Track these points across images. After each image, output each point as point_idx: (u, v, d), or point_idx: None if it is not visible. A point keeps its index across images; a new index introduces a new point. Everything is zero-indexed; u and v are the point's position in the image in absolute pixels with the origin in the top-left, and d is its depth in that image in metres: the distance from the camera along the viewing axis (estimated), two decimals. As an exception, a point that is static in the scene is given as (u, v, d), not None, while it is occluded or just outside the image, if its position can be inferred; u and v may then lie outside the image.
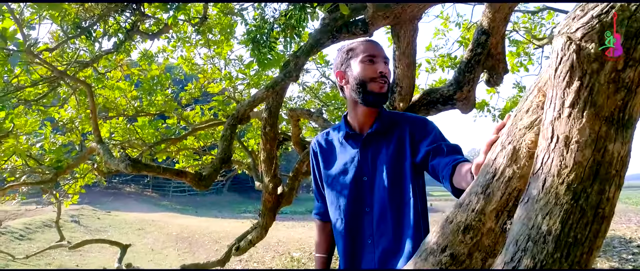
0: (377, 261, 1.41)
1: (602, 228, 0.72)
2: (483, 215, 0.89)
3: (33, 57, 2.47)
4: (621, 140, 0.71)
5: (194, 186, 2.62)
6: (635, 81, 0.69)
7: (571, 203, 0.71)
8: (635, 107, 0.71)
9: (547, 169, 0.75)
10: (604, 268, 5.48)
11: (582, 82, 0.70)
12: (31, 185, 3.57)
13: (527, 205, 0.76)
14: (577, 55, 0.69)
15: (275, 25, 4.22)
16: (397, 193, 1.41)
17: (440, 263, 0.91)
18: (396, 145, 1.45)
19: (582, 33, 0.69)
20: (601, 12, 0.68)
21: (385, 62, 1.48)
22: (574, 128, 0.71)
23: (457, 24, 5.45)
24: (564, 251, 0.71)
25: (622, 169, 0.72)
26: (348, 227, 1.48)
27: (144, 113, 5.41)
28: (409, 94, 3.89)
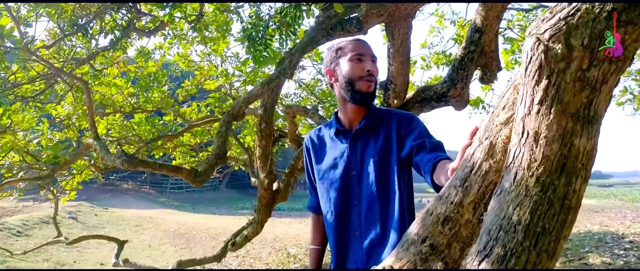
0: (364, 252, 1.46)
1: (568, 218, 0.76)
2: (461, 207, 0.93)
3: (30, 54, 2.50)
4: (587, 135, 0.75)
5: (190, 182, 2.66)
6: (600, 80, 0.73)
7: (540, 195, 0.76)
8: (600, 104, 0.75)
9: (518, 163, 0.79)
10: (596, 263, 5.55)
11: (550, 81, 0.74)
12: (29, 181, 3.61)
13: (499, 197, 0.81)
14: (545, 55, 0.74)
15: (270, 23, 4.25)
16: (383, 187, 1.45)
17: (421, 252, 0.95)
18: (383, 140, 1.49)
19: (550, 34, 0.73)
20: (567, 15, 0.72)
21: (373, 61, 1.52)
22: (543, 124, 0.75)
23: (452, 21, 5.49)
24: (532, 240, 0.75)
25: (588, 163, 0.77)
26: (338, 219, 1.54)
27: (140, 110, 5.44)
28: (403, 91, 3.93)
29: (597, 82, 0.73)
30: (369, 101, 1.52)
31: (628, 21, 0.70)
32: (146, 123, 5.26)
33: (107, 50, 3.61)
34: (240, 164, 6.47)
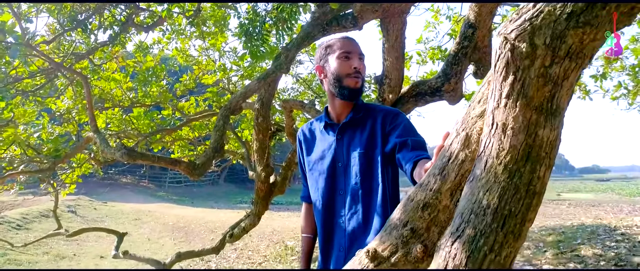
0: (347, 239, 1.54)
1: (533, 202, 0.83)
2: (439, 193, 1.00)
3: (32, 49, 2.55)
4: (550, 126, 0.82)
5: (188, 174, 2.72)
6: (561, 76, 0.80)
7: (507, 181, 0.83)
8: (562, 98, 0.82)
9: (488, 152, 0.86)
10: (587, 254, 5.64)
11: (516, 76, 0.81)
12: (30, 174, 3.67)
13: (472, 184, 0.88)
14: (512, 53, 0.80)
15: (267, 18, 4.31)
16: (367, 178, 1.53)
17: (402, 236, 1.02)
18: (369, 134, 1.57)
19: (516, 34, 0.80)
20: (532, 16, 0.79)
21: (360, 58, 1.60)
22: (510, 116, 0.82)
23: (447, 17, 5.54)
24: (500, 222, 0.82)
25: (551, 152, 0.84)
26: (324, 208, 1.62)
27: (139, 104, 5.50)
28: (398, 86, 3.99)
29: (558, 78, 0.80)
30: (356, 97, 1.59)
31: (585, 22, 0.77)
32: (145, 118, 5.32)
33: (106, 46, 3.67)
34: (238, 158, 6.54)
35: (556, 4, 0.77)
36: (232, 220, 11.72)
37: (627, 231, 6.60)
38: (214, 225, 12.95)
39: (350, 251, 1.52)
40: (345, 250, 1.54)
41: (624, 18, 0.79)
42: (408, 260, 1.02)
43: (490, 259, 0.82)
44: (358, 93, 1.59)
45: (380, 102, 4.02)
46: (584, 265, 5.32)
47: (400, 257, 1.03)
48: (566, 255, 5.83)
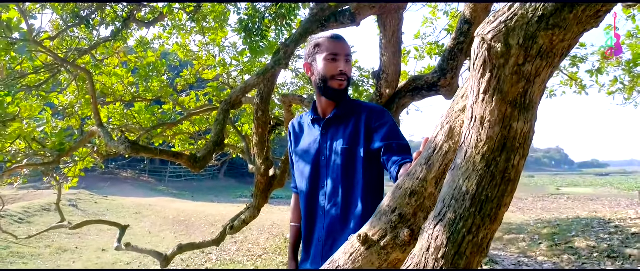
0: (325, 229, 1.62)
1: (508, 188, 0.91)
2: (425, 182, 1.08)
3: (37, 45, 2.62)
4: (523, 119, 0.90)
5: (190, 167, 2.80)
6: (533, 73, 0.88)
7: (484, 169, 0.90)
8: (534, 93, 0.90)
9: (468, 143, 0.94)
10: (581, 246, 5.74)
11: (492, 74, 0.88)
12: (35, 167, 3.75)
13: (453, 172, 0.96)
14: (488, 53, 0.88)
15: (266, 14, 4.37)
16: (348, 173, 1.60)
17: (391, 221, 1.10)
18: (352, 130, 1.64)
19: (492, 35, 0.87)
20: (507, 19, 0.87)
21: (347, 60, 1.65)
22: (487, 110, 0.90)
23: (445, 12, 5.60)
24: (477, 207, 0.90)
25: (525, 142, 0.91)
26: (307, 200, 1.70)
27: (140, 99, 5.56)
28: (395, 81, 4.05)
29: (531, 75, 0.88)
30: (340, 97, 1.66)
31: (554, 25, 0.84)
32: (146, 112, 5.39)
33: (108, 41, 3.74)
34: (238, 152, 6.62)
35: (528, 7, 0.85)
36: (232, 213, 11.82)
37: (621, 224, 6.70)
38: (214, 218, 13.05)
39: (326, 242, 1.60)
40: (323, 241, 1.62)
41: (590, 20, 0.87)
42: (396, 244, 1.10)
43: (468, 240, 0.90)
44: (342, 94, 1.66)
45: (378, 96, 4.09)
46: (578, 256, 5.43)
47: (389, 241, 1.11)
48: (560, 247, 5.94)
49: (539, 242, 6.37)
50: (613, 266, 4.77)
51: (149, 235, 11.30)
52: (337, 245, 1.58)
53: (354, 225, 1.55)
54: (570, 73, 6.23)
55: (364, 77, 6.31)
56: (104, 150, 4.32)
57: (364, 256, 1.13)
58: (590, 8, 0.84)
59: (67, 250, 9.26)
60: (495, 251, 6.20)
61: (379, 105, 1.75)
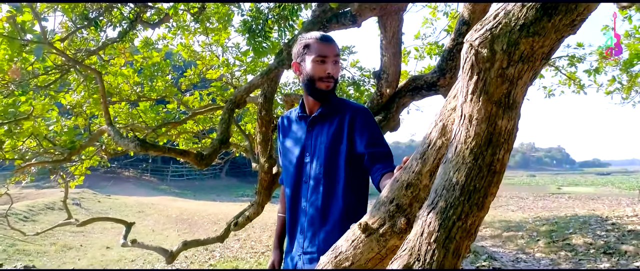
0: (307, 223, 1.71)
1: (494, 179, 1.01)
2: (420, 175, 1.18)
3: (50, 47, 2.72)
4: (507, 117, 0.99)
5: (196, 164, 2.90)
6: (516, 76, 0.97)
7: (472, 163, 1.00)
8: (517, 94, 1.00)
9: (458, 138, 1.03)
10: (578, 243, 5.84)
11: (479, 76, 0.98)
12: (47, 164, 3.85)
13: (445, 165, 1.05)
14: (475, 57, 0.98)
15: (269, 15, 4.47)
16: (330, 170, 1.69)
17: (389, 211, 1.20)
18: (336, 128, 1.72)
19: (479, 41, 0.97)
20: (492, 27, 0.96)
21: (335, 62, 1.70)
22: (474, 109, 1.00)
23: (444, 13, 5.69)
24: (466, 196, 1.00)
25: (509, 138, 1.01)
26: (292, 193, 1.79)
27: (145, 98, 5.67)
28: (395, 81, 4.15)
29: (514, 78, 0.97)
30: (327, 98, 1.74)
31: (534, 32, 0.94)
32: (151, 111, 5.49)
33: (116, 42, 3.84)
34: (242, 150, 6.72)
35: (511, 17, 0.95)
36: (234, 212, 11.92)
37: (618, 221, 6.79)
38: (217, 217, 13.16)
39: (307, 235, 1.70)
40: (304, 233, 1.71)
41: (567, 28, 0.97)
42: (394, 231, 1.20)
43: (458, 226, 1.00)
44: (328, 95, 1.72)
45: (378, 95, 4.18)
46: (575, 252, 5.52)
47: (387, 229, 1.21)
48: (558, 243, 6.03)
49: (537, 239, 6.47)
50: (609, 262, 4.87)
51: (152, 233, 11.41)
52: (317, 238, 1.68)
53: (333, 219, 1.65)
54: (568, 73, 6.31)
55: (365, 77, 6.40)
56: (112, 149, 4.42)
57: (365, 243, 1.23)
58: (566, 17, 0.94)
59: (72, 247, 9.37)
60: (494, 248, 6.30)
61: (363, 105, 1.83)
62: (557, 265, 5.12)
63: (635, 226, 6.26)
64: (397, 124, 4.53)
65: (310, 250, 1.71)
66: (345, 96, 6.59)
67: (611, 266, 4.71)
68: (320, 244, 1.67)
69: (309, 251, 1.71)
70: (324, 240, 1.66)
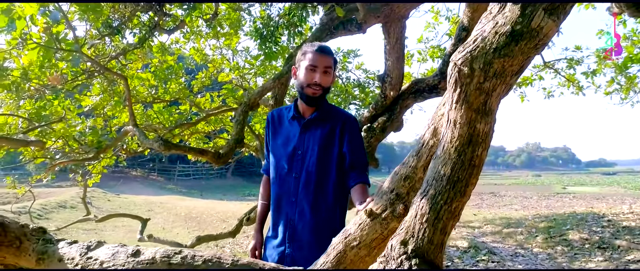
0: (296, 214, 1.93)
1: (474, 172, 1.25)
2: (416, 169, 1.42)
3: (82, 55, 2.98)
4: (484, 122, 1.23)
5: (214, 162, 3.15)
6: (491, 88, 1.21)
7: (456, 158, 1.24)
8: (492, 103, 1.23)
9: (445, 139, 1.27)
10: (574, 239, 6.05)
11: (461, 89, 1.22)
12: (76, 162, 4.12)
13: (435, 160, 1.29)
14: (458, 74, 1.21)
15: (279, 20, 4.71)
16: (321, 168, 1.92)
17: (389, 199, 1.44)
18: (328, 132, 1.95)
19: (461, 61, 1.20)
20: (472, 49, 1.20)
21: (325, 72, 1.91)
22: (458, 115, 1.23)
23: (446, 17, 5.92)
24: (451, 185, 1.23)
25: (486, 139, 1.25)
26: (280, 186, 2.00)
27: (159, 100, 5.93)
28: (399, 83, 4.37)
29: (489, 90, 1.21)
30: (313, 103, 1.95)
31: (505, 54, 1.17)
32: (164, 112, 5.76)
33: (137, 48, 4.09)
34: (252, 150, 6.97)
35: (486, 42, 1.19)
36: (242, 210, 12.18)
37: (614, 218, 6.99)
38: (225, 215, 13.42)
39: (297, 224, 1.93)
40: (294, 222, 1.93)
41: (531, 51, 1.20)
42: (394, 216, 1.44)
43: (444, 209, 1.24)
44: (316, 100, 1.93)
45: (382, 97, 4.40)
46: (570, 247, 5.73)
47: (388, 214, 1.45)
48: (555, 239, 6.25)
49: (536, 235, 6.69)
50: (602, 256, 5.08)
51: (162, 230, 11.69)
52: (307, 229, 1.92)
53: (323, 212, 1.90)
54: (567, 75, 6.51)
55: (370, 79, 6.64)
56: (132, 148, 4.68)
57: (370, 226, 1.47)
58: (530, 42, 1.18)
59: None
60: (494, 244, 6.52)
61: (352, 114, 2.10)
62: (553, 259, 5.34)
63: (630, 222, 6.46)
64: (400, 125, 4.74)
65: (299, 238, 1.94)
66: (350, 97, 6.84)
67: (604, 259, 4.92)
68: (309, 234, 1.91)
69: (297, 239, 1.94)
70: (313, 230, 1.91)
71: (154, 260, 1.15)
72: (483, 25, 1.23)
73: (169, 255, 1.16)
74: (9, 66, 3.22)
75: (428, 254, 1.24)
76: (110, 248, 1.25)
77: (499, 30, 1.19)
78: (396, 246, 1.25)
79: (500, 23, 1.18)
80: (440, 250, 1.26)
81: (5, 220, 1.32)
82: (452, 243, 6.52)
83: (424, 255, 1.24)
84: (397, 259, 1.24)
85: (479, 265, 5.27)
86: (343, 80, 6.82)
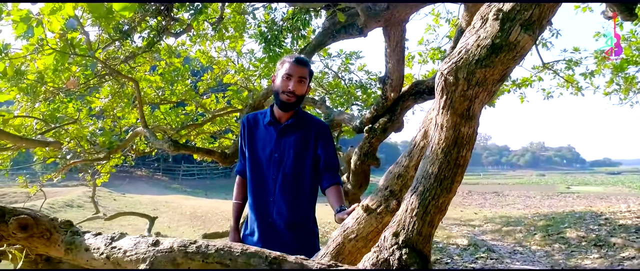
0: (275, 213, 2.08)
1: (458, 171, 1.38)
2: (408, 168, 1.56)
3: (95, 59, 3.12)
4: (468, 126, 1.36)
5: (221, 162, 3.29)
6: (474, 95, 1.34)
7: (443, 158, 1.37)
8: (475, 109, 1.36)
9: (434, 141, 1.40)
10: (572, 236, 6.15)
11: (447, 96, 1.35)
12: (88, 162, 4.28)
13: (424, 160, 1.42)
14: (445, 82, 1.34)
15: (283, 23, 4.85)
16: (297, 171, 2.08)
17: (384, 195, 1.57)
18: (303, 137, 2.11)
19: (447, 71, 1.34)
20: (456, 60, 1.33)
21: (300, 81, 2.05)
22: (444, 119, 1.37)
23: (446, 20, 6.04)
24: (438, 182, 1.37)
25: (470, 141, 1.38)
26: (257, 187, 2.13)
27: (166, 101, 6.08)
28: (399, 85, 4.49)
29: (472, 97, 1.34)
30: (287, 109, 2.09)
31: (486, 65, 1.31)
32: (171, 113, 5.91)
33: (146, 52, 4.24)
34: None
35: (469, 54, 1.32)
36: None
37: (611, 217, 7.10)
38: (229, 214, 13.53)
39: (275, 222, 2.08)
40: (273, 219, 2.08)
41: (510, 62, 1.34)
42: (388, 210, 1.58)
43: (432, 204, 1.37)
44: (290, 106, 2.07)
45: (383, 99, 4.52)
46: (568, 245, 5.85)
47: (383, 209, 1.58)
48: (552, 237, 6.36)
49: (534, 233, 6.81)
50: (598, 253, 5.19)
51: (168, 229, 11.86)
52: (284, 226, 2.08)
53: (302, 210, 2.07)
54: (566, 76, 6.62)
55: (372, 80, 6.77)
56: (141, 149, 4.83)
57: (366, 220, 1.61)
58: (509, 54, 1.31)
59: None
60: (493, 242, 6.64)
61: (325, 122, 2.27)
62: (550, 256, 5.46)
63: (626, 220, 6.57)
64: (401, 125, 4.86)
65: (277, 236, 2.09)
66: (353, 98, 6.97)
67: (600, 256, 5.04)
68: (287, 232, 2.07)
69: (276, 237, 2.09)
70: (290, 228, 2.07)
71: (171, 249, 1.29)
72: (467, 39, 1.37)
73: (185, 244, 1.30)
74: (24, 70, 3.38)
75: (417, 244, 1.38)
76: (132, 238, 1.39)
77: (481, 43, 1.32)
78: (388, 238, 1.39)
79: (482, 37, 1.32)
80: (428, 241, 1.39)
81: (36, 214, 1.47)
82: (453, 240, 6.65)
83: (413, 245, 1.37)
84: (389, 249, 1.37)
85: (477, 262, 5.40)
86: (346, 82, 6.96)
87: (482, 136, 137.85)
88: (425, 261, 1.37)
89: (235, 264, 1.27)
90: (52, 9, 2.14)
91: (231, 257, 1.29)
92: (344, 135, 6.78)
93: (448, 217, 10.11)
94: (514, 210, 13.18)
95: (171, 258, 1.28)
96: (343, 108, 6.65)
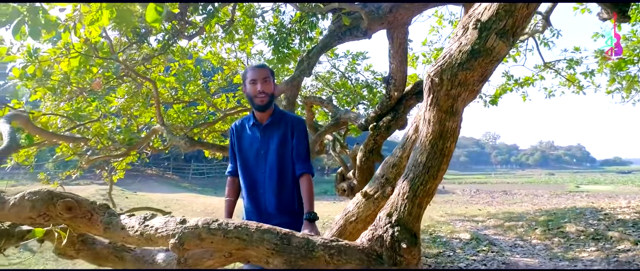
0: (266, 203, 2.34)
1: (444, 159, 1.59)
2: (401, 158, 1.76)
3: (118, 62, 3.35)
4: (452, 121, 1.57)
5: (233, 157, 3.50)
6: (457, 94, 1.54)
7: (430, 149, 1.58)
8: (458, 106, 1.57)
9: (422, 134, 1.61)
10: (571, 231, 6.30)
11: (433, 95, 1.56)
12: (109, 158, 4.52)
13: (414, 151, 1.63)
14: (431, 83, 1.55)
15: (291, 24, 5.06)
16: (281, 164, 2.33)
17: (381, 183, 1.79)
18: (282, 133, 2.36)
19: (433, 73, 1.54)
20: (442, 63, 1.54)
21: (265, 80, 2.30)
22: (431, 115, 1.57)
23: (449, 21, 6.22)
24: (426, 170, 1.57)
25: (454, 134, 1.59)
26: (250, 182, 2.40)
27: (179, 101, 6.32)
28: (402, 85, 4.68)
29: (456, 96, 1.55)
30: (264, 109, 2.34)
31: (467, 67, 1.51)
32: (184, 112, 6.15)
33: (161, 54, 4.47)
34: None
35: (453, 58, 1.52)
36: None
37: (610, 212, 7.22)
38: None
39: (267, 211, 2.34)
40: (265, 210, 2.34)
41: (488, 65, 1.54)
42: (384, 196, 1.79)
43: (421, 189, 1.58)
44: (266, 106, 2.33)
45: (387, 98, 4.70)
46: (567, 239, 6.00)
47: (379, 194, 1.79)
48: (553, 231, 6.51)
49: (535, 228, 6.95)
50: (595, 247, 5.35)
51: (179, 226, 12.11)
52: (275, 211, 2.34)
53: (287, 197, 2.31)
54: (568, 75, 6.76)
55: (377, 80, 6.96)
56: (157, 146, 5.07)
57: (365, 204, 1.82)
58: (487, 58, 1.51)
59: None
60: (495, 236, 6.80)
61: (300, 117, 2.53)
62: (549, 249, 5.61)
63: (625, 215, 6.69)
64: (404, 123, 5.03)
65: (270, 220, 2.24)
66: (359, 97, 7.16)
67: (597, 249, 5.19)
68: (278, 216, 2.30)
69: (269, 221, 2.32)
70: (280, 212, 2.31)
71: (197, 226, 1.51)
72: (451, 45, 1.57)
73: (208, 222, 1.52)
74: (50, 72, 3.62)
75: (407, 223, 1.59)
76: (162, 218, 1.62)
77: (462, 49, 1.53)
78: (383, 217, 1.60)
79: (463, 43, 1.52)
80: (417, 220, 1.60)
81: (78, 198, 1.70)
82: (456, 235, 6.81)
83: (404, 224, 1.59)
84: (383, 227, 1.58)
85: (479, 254, 5.57)
86: (352, 82, 7.16)
87: (491, 135, 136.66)
88: (414, 237, 1.58)
89: (251, 239, 1.49)
90: (92, 20, 2.36)
91: (247, 233, 1.51)
92: (350, 133, 6.97)
93: (452, 213, 10.26)
94: (519, 207, 13.27)
95: (196, 233, 1.50)
96: (349, 107, 6.85)
